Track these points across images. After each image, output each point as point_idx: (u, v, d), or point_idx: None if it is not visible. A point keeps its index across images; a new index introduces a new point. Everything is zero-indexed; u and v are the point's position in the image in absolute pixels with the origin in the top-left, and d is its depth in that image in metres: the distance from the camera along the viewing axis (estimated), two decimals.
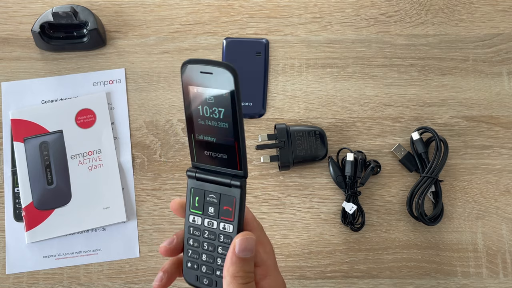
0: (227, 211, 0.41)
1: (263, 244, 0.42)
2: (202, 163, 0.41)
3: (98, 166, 0.64)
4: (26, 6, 0.69)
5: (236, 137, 0.39)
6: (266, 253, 0.42)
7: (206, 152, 0.41)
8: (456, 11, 0.69)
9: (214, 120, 0.39)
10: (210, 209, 0.42)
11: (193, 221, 0.42)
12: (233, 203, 0.41)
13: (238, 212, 0.41)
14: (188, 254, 0.43)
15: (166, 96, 0.66)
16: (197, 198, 0.42)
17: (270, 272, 0.42)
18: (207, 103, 0.39)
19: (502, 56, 0.67)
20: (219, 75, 0.38)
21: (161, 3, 0.69)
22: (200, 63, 0.38)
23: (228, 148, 0.40)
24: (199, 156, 0.41)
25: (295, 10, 0.69)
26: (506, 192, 0.64)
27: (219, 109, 0.39)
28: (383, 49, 0.68)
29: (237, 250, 0.39)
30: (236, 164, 0.40)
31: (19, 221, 0.63)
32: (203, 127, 0.40)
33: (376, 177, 0.64)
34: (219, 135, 0.39)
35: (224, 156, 0.40)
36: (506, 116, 0.66)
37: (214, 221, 0.42)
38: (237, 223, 0.41)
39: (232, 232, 0.41)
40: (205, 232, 0.42)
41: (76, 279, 0.62)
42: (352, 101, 0.66)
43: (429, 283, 0.61)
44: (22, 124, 0.64)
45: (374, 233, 0.63)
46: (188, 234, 0.42)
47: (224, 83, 0.38)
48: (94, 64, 0.67)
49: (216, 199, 0.41)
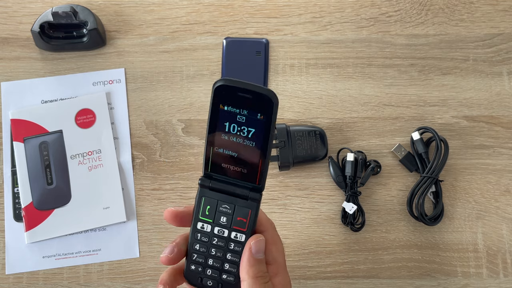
0: (240, 222, 0.42)
1: (276, 243, 0.43)
2: (216, 173, 0.42)
3: (98, 166, 0.64)
4: (26, 6, 0.69)
5: (263, 156, 0.40)
6: (278, 251, 0.43)
7: (223, 164, 0.41)
8: (456, 11, 0.69)
9: (240, 137, 0.40)
10: (222, 219, 0.42)
11: (202, 228, 0.43)
12: (248, 215, 0.42)
13: (252, 223, 0.42)
14: (193, 258, 0.43)
15: (166, 96, 0.66)
16: (209, 207, 0.42)
17: (281, 270, 0.43)
18: (237, 122, 0.40)
19: (503, 56, 0.67)
20: (258, 99, 0.39)
21: (161, 3, 0.69)
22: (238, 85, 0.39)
23: (250, 164, 0.41)
24: (215, 167, 0.41)
25: (295, 10, 0.69)
26: (506, 192, 0.64)
27: (248, 129, 0.40)
28: (383, 49, 0.68)
29: (254, 252, 0.41)
30: (256, 179, 0.41)
31: (19, 221, 0.63)
32: (226, 142, 0.40)
33: (376, 177, 0.64)
34: (243, 152, 0.40)
35: (244, 171, 0.41)
36: (507, 116, 0.66)
37: (225, 230, 0.42)
38: (249, 233, 0.42)
39: (244, 241, 0.42)
40: (214, 239, 0.42)
41: (76, 279, 0.62)
42: (352, 101, 0.66)
43: (429, 283, 0.61)
44: (21, 124, 0.64)
45: (374, 233, 0.63)
46: (195, 239, 0.43)
47: (261, 107, 0.39)
48: (94, 64, 0.67)
49: (230, 209, 0.42)
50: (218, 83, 0.39)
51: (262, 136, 0.40)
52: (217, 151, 0.41)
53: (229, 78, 0.39)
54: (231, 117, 0.40)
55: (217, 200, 0.42)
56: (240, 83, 0.39)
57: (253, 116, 0.39)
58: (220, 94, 0.39)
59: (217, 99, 0.39)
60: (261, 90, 0.38)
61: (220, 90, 0.39)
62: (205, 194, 0.42)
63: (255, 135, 0.40)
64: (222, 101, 0.39)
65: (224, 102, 0.39)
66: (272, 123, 0.39)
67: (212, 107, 0.39)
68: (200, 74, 0.67)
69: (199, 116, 0.66)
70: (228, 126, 0.40)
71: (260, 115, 0.39)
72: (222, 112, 0.40)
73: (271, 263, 0.43)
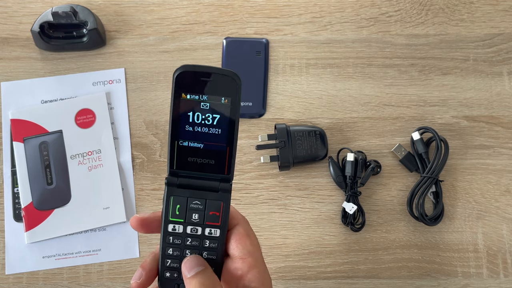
0: (213, 216, 0.41)
1: (250, 237, 0.42)
2: (183, 169, 0.40)
3: (98, 166, 0.64)
4: (26, 6, 0.69)
5: (229, 143, 0.39)
6: (253, 245, 0.42)
7: (189, 158, 0.40)
8: (456, 10, 0.69)
9: (205, 126, 0.39)
10: (194, 216, 0.41)
11: (173, 230, 0.41)
12: (221, 208, 0.40)
13: (225, 215, 0.41)
14: (167, 264, 0.41)
15: (166, 96, 0.66)
16: (179, 206, 0.41)
17: (257, 264, 0.42)
18: (201, 109, 0.39)
19: (503, 56, 0.67)
20: (220, 82, 0.38)
21: (161, 3, 0.69)
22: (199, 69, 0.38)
23: (217, 153, 0.40)
24: (181, 162, 0.40)
25: (295, 10, 0.69)
26: (506, 192, 0.64)
27: (213, 115, 0.39)
28: (384, 49, 0.68)
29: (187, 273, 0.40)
30: (224, 169, 0.40)
31: (19, 221, 0.63)
32: (190, 133, 0.39)
33: (377, 177, 0.64)
34: (209, 141, 0.39)
35: (211, 162, 0.40)
36: (507, 116, 0.66)
37: (198, 228, 0.41)
38: (224, 227, 0.41)
39: (219, 236, 0.41)
40: (188, 239, 0.41)
41: (76, 280, 0.61)
42: (352, 101, 0.66)
43: (430, 284, 0.61)
44: (21, 124, 0.64)
45: (375, 233, 0.63)
46: (167, 243, 0.41)
47: (224, 90, 0.38)
48: (94, 64, 0.67)
49: (201, 205, 0.40)
50: (178, 70, 0.38)
51: (227, 121, 0.39)
52: (182, 144, 0.40)
53: (188, 64, 0.38)
54: (194, 106, 0.38)
55: (187, 198, 0.40)
56: (200, 67, 0.38)
57: (217, 101, 0.38)
58: (182, 82, 0.38)
59: (178, 87, 0.38)
60: (223, 71, 0.38)
61: (181, 78, 0.38)
62: (173, 193, 0.40)
63: (220, 121, 0.39)
64: (184, 89, 0.38)
65: (186, 90, 0.38)
66: (237, 106, 0.38)
67: (174, 98, 0.38)
68: None
69: None
70: (192, 116, 0.39)
71: (224, 99, 0.38)
72: (185, 102, 0.38)
73: (245, 257, 0.41)
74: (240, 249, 0.41)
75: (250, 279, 0.41)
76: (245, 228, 0.42)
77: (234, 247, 0.41)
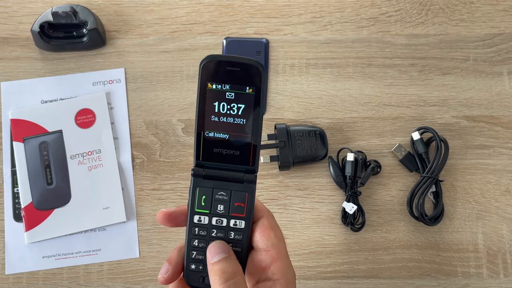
0: (238, 207, 0.41)
1: (274, 229, 0.42)
2: (209, 161, 0.41)
3: (98, 166, 0.64)
4: (26, 6, 0.69)
5: (254, 133, 0.40)
6: (277, 237, 0.42)
7: (215, 149, 0.41)
8: (456, 10, 0.69)
9: (230, 116, 0.40)
10: (220, 207, 0.41)
11: (199, 221, 0.41)
12: (246, 199, 0.41)
13: (250, 207, 0.41)
14: (192, 256, 0.42)
15: (166, 96, 0.66)
16: (204, 197, 0.41)
17: (281, 256, 0.42)
18: (226, 99, 0.39)
19: (503, 56, 0.67)
20: (245, 71, 0.39)
21: (161, 3, 0.69)
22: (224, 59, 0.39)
23: (242, 145, 0.40)
24: (206, 154, 0.41)
25: (295, 10, 0.69)
26: (506, 192, 0.64)
27: (238, 105, 0.39)
28: (384, 49, 0.68)
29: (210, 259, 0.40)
30: (249, 160, 0.41)
31: (19, 221, 0.63)
32: (216, 124, 0.40)
33: (377, 177, 0.64)
34: (234, 132, 0.40)
35: (236, 153, 0.40)
36: (507, 116, 0.66)
37: (223, 219, 0.41)
38: (249, 218, 0.41)
39: (244, 227, 0.41)
40: (213, 231, 0.41)
41: (76, 280, 0.61)
42: (352, 101, 0.66)
43: (430, 284, 0.61)
44: (21, 124, 0.64)
45: (375, 233, 0.63)
46: (192, 235, 0.41)
47: (249, 79, 0.39)
48: (94, 64, 0.67)
49: (226, 196, 0.41)
50: (205, 60, 0.39)
51: (252, 111, 0.39)
52: (208, 135, 0.40)
53: (214, 54, 0.39)
54: (220, 96, 0.39)
55: (212, 189, 0.41)
56: (225, 56, 0.39)
57: (242, 90, 0.39)
58: (208, 71, 0.39)
59: (205, 77, 0.39)
60: (248, 60, 0.39)
61: (207, 67, 0.39)
62: (199, 184, 0.41)
63: (245, 111, 0.39)
64: (210, 79, 0.39)
65: (212, 80, 0.39)
66: (262, 95, 0.39)
67: (200, 88, 0.39)
68: None
69: None
70: (218, 106, 0.39)
71: (249, 89, 0.39)
72: (210, 92, 0.39)
73: (269, 249, 0.41)
74: (264, 241, 0.41)
75: (273, 271, 0.41)
76: (270, 220, 0.43)
77: (258, 239, 0.42)
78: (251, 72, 0.39)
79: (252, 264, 0.42)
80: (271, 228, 0.42)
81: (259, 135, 0.40)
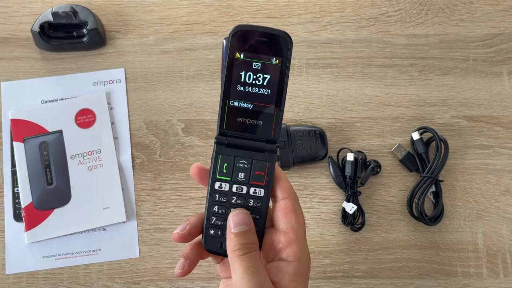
0: (259, 176, 0.42)
1: (296, 213, 0.43)
2: (232, 129, 0.42)
3: (98, 166, 0.64)
4: (26, 6, 0.69)
5: (277, 104, 0.41)
6: (297, 222, 0.43)
7: (239, 118, 0.42)
8: (456, 10, 0.69)
9: (255, 86, 0.41)
10: (240, 175, 0.42)
11: (220, 188, 0.42)
12: (266, 168, 0.42)
13: (270, 176, 0.42)
14: (212, 222, 0.42)
15: (166, 96, 0.66)
16: (226, 165, 0.42)
17: (298, 240, 0.42)
18: (253, 69, 0.40)
19: (503, 56, 0.67)
20: (273, 42, 0.40)
21: (161, 3, 0.69)
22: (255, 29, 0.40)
23: (265, 114, 0.41)
24: (230, 122, 0.42)
25: (295, 10, 0.69)
26: (506, 192, 0.64)
27: (264, 75, 0.41)
28: (383, 49, 0.68)
29: (232, 227, 0.41)
30: (271, 130, 0.42)
31: (19, 221, 0.63)
32: (241, 93, 0.41)
33: (376, 177, 0.64)
34: (258, 102, 0.41)
35: (259, 123, 0.42)
36: (507, 116, 0.66)
37: (244, 187, 0.42)
38: (268, 187, 0.42)
39: (263, 196, 0.42)
40: (233, 197, 0.42)
41: (76, 279, 0.62)
42: (352, 101, 0.66)
43: (430, 283, 0.61)
44: (21, 124, 0.64)
45: (374, 233, 0.63)
46: (213, 201, 0.42)
47: (277, 50, 0.40)
48: (94, 64, 0.67)
49: (247, 164, 0.42)
50: (235, 29, 0.40)
51: (277, 82, 0.40)
52: (233, 105, 0.41)
53: (244, 24, 0.40)
54: (247, 66, 0.40)
55: (234, 157, 0.42)
56: (255, 26, 0.40)
57: (269, 61, 0.40)
58: (238, 41, 0.40)
59: (233, 47, 0.40)
60: (277, 31, 0.40)
61: (237, 37, 0.40)
62: (222, 152, 0.42)
63: (270, 82, 0.41)
64: (238, 49, 0.40)
65: (240, 49, 0.40)
66: (287, 67, 0.40)
67: (229, 57, 0.40)
68: (200, 74, 0.67)
69: (199, 116, 0.66)
70: (244, 76, 0.41)
71: (275, 59, 0.40)
72: (238, 61, 0.40)
73: (288, 231, 0.42)
74: (284, 223, 0.42)
75: (288, 253, 0.42)
76: (294, 204, 0.43)
77: (279, 220, 0.42)
78: (279, 42, 0.40)
79: (269, 243, 0.43)
80: (293, 211, 0.43)
81: (282, 106, 0.41)
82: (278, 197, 0.43)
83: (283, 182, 0.43)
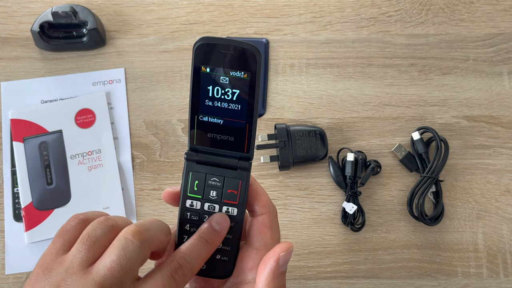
0: (231, 194, 0.40)
1: (272, 230, 0.41)
2: (202, 145, 0.40)
3: (98, 166, 0.64)
4: (25, 5, 0.69)
5: (249, 119, 0.39)
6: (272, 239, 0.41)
7: (209, 134, 0.39)
8: (456, 10, 0.69)
9: (224, 101, 0.38)
10: (212, 193, 0.40)
11: (191, 206, 0.40)
12: (239, 186, 0.40)
13: (244, 194, 0.40)
14: (184, 240, 0.40)
15: (166, 96, 0.66)
16: (197, 182, 0.40)
17: None
18: (220, 84, 0.38)
19: (503, 55, 0.67)
20: (240, 56, 0.37)
21: (161, 2, 0.69)
22: (219, 42, 0.37)
23: (237, 130, 0.39)
24: (200, 138, 0.40)
25: (295, 9, 0.69)
26: (506, 192, 0.64)
27: (233, 90, 0.38)
28: (384, 49, 0.68)
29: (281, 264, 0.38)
30: (243, 147, 0.39)
31: (19, 221, 0.63)
32: (210, 108, 0.39)
33: (377, 177, 0.64)
34: (228, 117, 0.39)
35: (231, 138, 0.39)
36: (507, 116, 0.66)
37: (216, 205, 0.40)
38: (242, 206, 0.40)
39: (236, 215, 0.40)
40: (205, 216, 0.40)
41: None
42: (352, 101, 0.66)
43: (430, 283, 0.61)
44: (21, 124, 0.64)
45: (375, 233, 0.63)
46: (184, 219, 0.40)
47: (244, 64, 0.37)
48: (94, 64, 0.67)
49: (219, 182, 0.40)
50: (198, 42, 0.37)
51: (247, 97, 0.38)
52: (202, 120, 0.39)
53: (208, 36, 0.37)
54: (214, 80, 0.38)
55: (205, 174, 0.40)
56: (220, 39, 0.37)
57: (237, 75, 0.38)
58: (201, 54, 0.37)
59: (198, 60, 0.38)
60: (243, 44, 0.37)
61: (201, 50, 0.37)
62: (192, 169, 0.40)
63: (240, 97, 0.38)
64: (204, 62, 0.37)
65: (206, 63, 0.37)
66: (257, 82, 0.38)
67: (194, 71, 0.38)
68: None
69: None
70: (212, 90, 0.38)
71: (244, 74, 0.38)
72: (204, 75, 0.38)
73: (261, 248, 0.40)
74: (258, 240, 0.40)
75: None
76: (271, 219, 0.41)
77: (253, 236, 0.40)
78: (246, 56, 0.37)
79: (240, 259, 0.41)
80: (269, 228, 0.41)
81: (254, 122, 0.39)
82: (256, 212, 0.41)
83: (261, 196, 0.41)
